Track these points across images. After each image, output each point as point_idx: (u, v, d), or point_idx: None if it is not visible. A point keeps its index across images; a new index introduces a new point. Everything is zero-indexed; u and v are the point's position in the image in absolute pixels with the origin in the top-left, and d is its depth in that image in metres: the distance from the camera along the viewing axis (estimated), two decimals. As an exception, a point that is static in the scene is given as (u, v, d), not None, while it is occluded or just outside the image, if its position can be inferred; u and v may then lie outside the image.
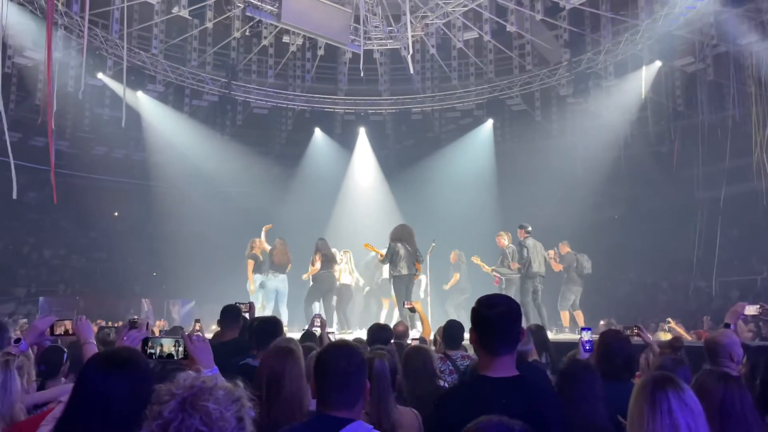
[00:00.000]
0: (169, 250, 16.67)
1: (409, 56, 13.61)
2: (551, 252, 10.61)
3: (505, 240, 10.46)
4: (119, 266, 17.93)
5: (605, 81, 14.94)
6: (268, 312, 9.73)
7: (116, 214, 19.32)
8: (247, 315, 5.50)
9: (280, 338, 3.45)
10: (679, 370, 3.13)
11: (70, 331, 3.11)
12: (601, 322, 9.92)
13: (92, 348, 2.90)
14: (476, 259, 10.84)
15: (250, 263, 10.25)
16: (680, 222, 17.11)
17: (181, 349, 2.32)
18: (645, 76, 13.92)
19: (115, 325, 10.92)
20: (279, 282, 10.17)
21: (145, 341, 2.37)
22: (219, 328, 5.35)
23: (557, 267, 10.61)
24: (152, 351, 2.35)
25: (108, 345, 4.93)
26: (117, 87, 14.35)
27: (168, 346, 2.35)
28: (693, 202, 16.66)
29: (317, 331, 5.47)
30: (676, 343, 5.05)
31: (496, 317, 2.22)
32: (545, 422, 2.13)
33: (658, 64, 14.00)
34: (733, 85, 14.15)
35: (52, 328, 3.10)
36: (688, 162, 15.86)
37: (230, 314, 5.00)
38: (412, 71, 14.55)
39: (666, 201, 17.13)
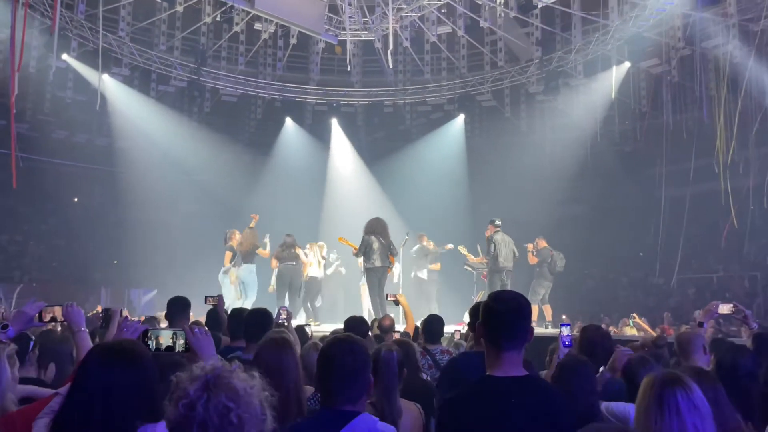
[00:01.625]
0: (132, 238, 16.29)
1: (389, 51, 13.56)
2: (530, 245, 10.82)
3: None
4: (79, 254, 17.43)
5: (574, 80, 15.18)
6: (246, 303, 9.70)
7: (75, 200, 18.77)
8: (215, 308, 5.42)
9: (273, 330, 3.41)
10: (643, 369, 3.15)
11: (59, 318, 2.99)
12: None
13: (84, 336, 2.80)
14: (463, 249, 11.05)
15: (228, 255, 10.15)
16: (642, 220, 17.56)
17: (182, 341, 2.27)
18: (614, 76, 14.18)
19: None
20: (244, 272, 10.11)
21: (146, 333, 2.32)
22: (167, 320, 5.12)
23: (533, 260, 10.82)
24: (154, 343, 2.29)
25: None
26: (82, 69, 13.91)
27: (169, 338, 2.30)
28: (655, 200, 17.11)
29: (288, 323, 5.43)
30: (659, 341, 5.16)
31: (504, 311, 2.23)
32: (556, 422, 2.14)
33: (627, 64, 14.29)
34: (697, 87, 14.56)
35: (40, 314, 2.96)
36: (651, 161, 16.26)
37: (177, 305, 4.85)
38: (390, 66, 14.52)
39: (629, 199, 17.55)
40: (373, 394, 3.01)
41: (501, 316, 2.23)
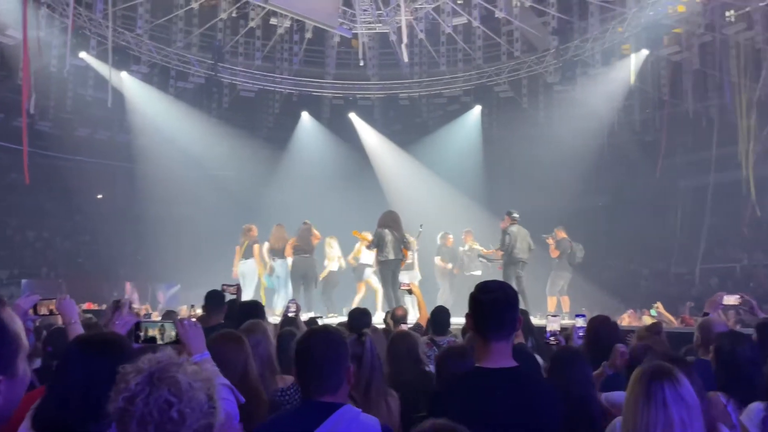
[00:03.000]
0: (154, 234, 16.55)
1: (403, 44, 13.54)
2: (549, 239, 10.77)
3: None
4: (103, 249, 17.76)
5: (592, 69, 14.98)
6: (279, 298, 9.85)
7: (100, 196, 19.11)
8: (235, 297, 5.52)
9: (247, 321, 3.46)
10: (648, 356, 3.14)
11: (55, 311, 3.09)
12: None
13: (77, 328, 2.87)
14: (472, 243, 11.03)
15: (257, 247, 10.28)
16: (663, 210, 17.33)
17: (173, 333, 2.32)
18: (633, 64, 13.98)
19: (99, 307, 10.86)
20: (278, 267, 10.23)
21: (137, 325, 2.37)
22: (204, 313, 5.34)
23: (554, 253, 10.75)
24: (143, 335, 2.35)
25: (92, 329, 4.91)
26: (100, 67, 14.13)
27: (159, 330, 2.35)
28: (676, 190, 16.87)
29: (297, 316, 5.53)
30: (654, 328, 5.15)
31: (489, 302, 2.23)
32: (544, 413, 2.15)
33: (645, 52, 14.06)
34: (718, 75, 14.29)
35: (35, 307, 3.06)
36: (672, 151, 16.01)
37: (214, 299, 4.99)
38: (405, 59, 14.49)
39: (650, 189, 17.30)
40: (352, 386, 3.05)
41: (487, 306, 2.23)
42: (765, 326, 3.53)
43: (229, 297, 5.62)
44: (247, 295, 10.01)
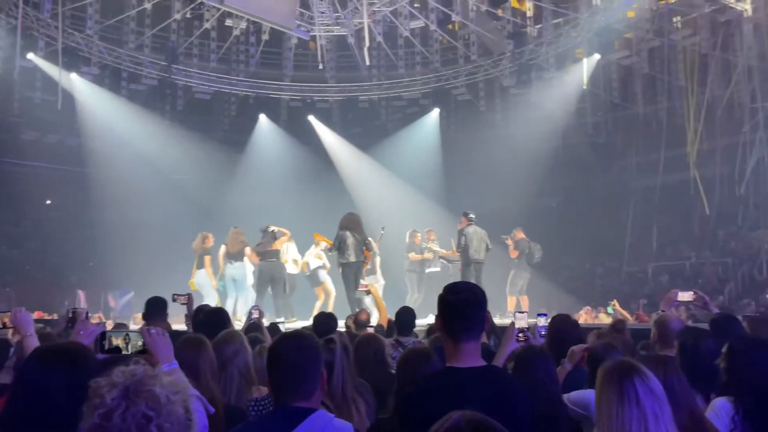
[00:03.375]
0: (107, 239, 16.07)
1: (366, 48, 13.56)
2: (509, 240, 10.92)
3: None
4: (53, 256, 17.18)
5: (547, 73, 15.31)
6: (230, 302, 9.64)
7: (48, 202, 18.47)
8: (185, 307, 5.39)
9: (223, 331, 3.41)
10: (611, 355, 3.19)
11: (9, 324, 2.98)
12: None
13: (33, 341, 2.77)
14: (434, 246, 11.10)
15: (208, 258, 10.05)
16: (615, 210, 17.81)
17: (139, 342, 2.26)
18: (585, 68, 14.35)
19: (51, 317, 10.49)
20: (234, 270, 10.03)
21: (102, 335, 2.30)
22: (144, 320, 5.13)
23: (514, 253, 10.91)
24: (108, 345, 2.28)
25: (47, 339, 4.73)
26: (49, 68, 13.69)
27: (124, 339, 2.28)
28: (627, 190, 17.37)
29: (260, 322, 5.45)
30: (618, 325, 5.28)
31: (459, 303, 2.25)
32: (514, 412, 2.17)
33: (597, 56, 14.45)
34: (666, 79, 14.79)
35: None
36: (623, 152, 16.50)
37: (154, 306, 4.85)
38: (368, 62, 14.52)
39: (602, 190, 17.77)
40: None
41: (456, 307, 2.25)
42: (718, 321, 3.66)
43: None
44: (245, 298, 9.89)
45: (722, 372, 2.72)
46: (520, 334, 3.21)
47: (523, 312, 3.38)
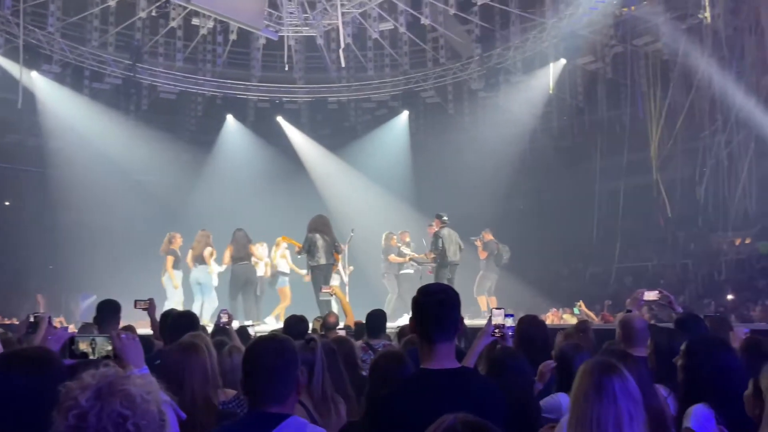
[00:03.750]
0: (69, 242, 15.64)
1: (340, 50, 13.54)
2: (478, 241, 11.01)
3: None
4: (11, 260, 16.62)
5: (514, 76, 15.52)
6: (196, 305, 9.49)
7: (7, 203, 17.91)
8: (147, 312, 5.29)
9: (187, 334, 3.36)
10: (579, 355, 3.23)
11: None
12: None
13: None
14: (405, 248, 11.10)
15: (170, 259, 9.87)
16: (580, 212, 18.11)
17: (107, 347, 2.20)
18: (552, 73, 14.59)
19: (10, 321, 10.18)
20: (199, 273, 9.88)
21: (72, 340, 2.24)
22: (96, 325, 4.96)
23: (482, 255, 11.01)
24: (78, 350, 2.21)
25: (8, 345, 4.58)
26: (9, 66, 13.30)
27: (90, 344, 2.22)
28: (592, 193, 17.68)
29: (230, 325, 5.40)
30: (581, 325, 5.37)
31: (432, 304, 2.25)
32: (489, 414, 2.17)
33: (562, 61, 14.70)
34: (629, 84, 15.13)
35: None
36: (588, 156, 16.80)
37: (106, 309, 4.73)
38: (343, 64, 14.52)
39: (567, 192, 18.05)
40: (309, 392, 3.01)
41: (430, 308, 2.25)
42: (684, 321, 3.75)
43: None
44: (211, 302, 9.74)
45: (679, 369, 2.77)
46: (496, 330, 3.23)
47: (500, 308, 3.41)
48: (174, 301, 9.69)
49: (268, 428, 1.96)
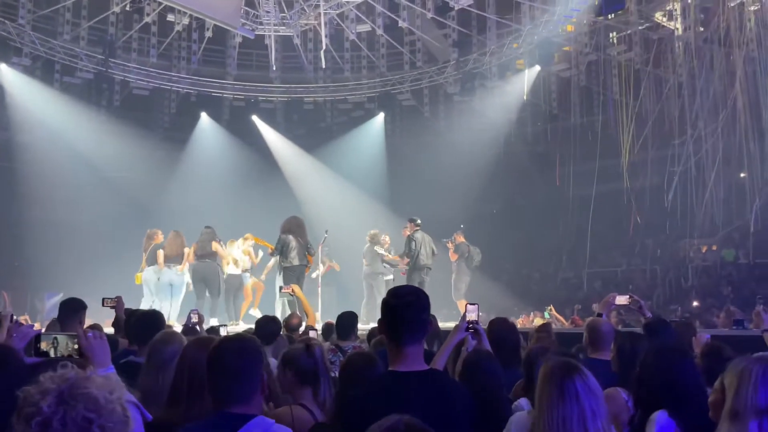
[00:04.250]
0: (35, 239, 15.31)
1: (322, 51, 13.53)
2: (449, 242, 11.05)
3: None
4: (-26, 256, 16.22)
5: (489, 81, 15.67)
6: (165, 305, 9.34)
7: (-29, 198, 17.46)
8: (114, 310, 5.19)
9: (162, 332, 3.31)
10: (544, 356, 3.27)
11: None
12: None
13: None
14: (379, 249, 11.07)
15: (160, 253, 9.72)
16: (552, 217, 18.34)
17: (74, 346, 2.16)
18: (526, 79, 14.76)
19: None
20: (172, 274, 9.73)
21: (37, 338, 2.19)
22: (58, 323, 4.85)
23: (453, 256, 11.06)
24: (44, 349, 2.17)
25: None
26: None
27: (61, 343, 2.18)
28: (564, 198, 17.92)
29: (200, 326, 5.35)
30: (543, 327, 5.46)
31: (401, 306, 2.25)
32: (457, 416, 2.19)
33: (537, 68, 14.89)
34: (601, 91, 15.38)
35: None
36: (560, 161, 17.02)
37: (69, 307, 4.62)
38: (323, 65, 14.50)
39: (540, 197, 18.27)
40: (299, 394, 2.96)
41: (398, 310, 2.26)
42: (651, 325, 3.82)
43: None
44: (178, 302, 9.58)
45: (636, 375, 2.81)
46: (470, 325, 3.25)
47: (474, 304, 3.43)
48: (147, 300, 9.56)
49: (234, 428, 1.95)
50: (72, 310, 4.42)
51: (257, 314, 8.88)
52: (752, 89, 12.86)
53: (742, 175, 14.06)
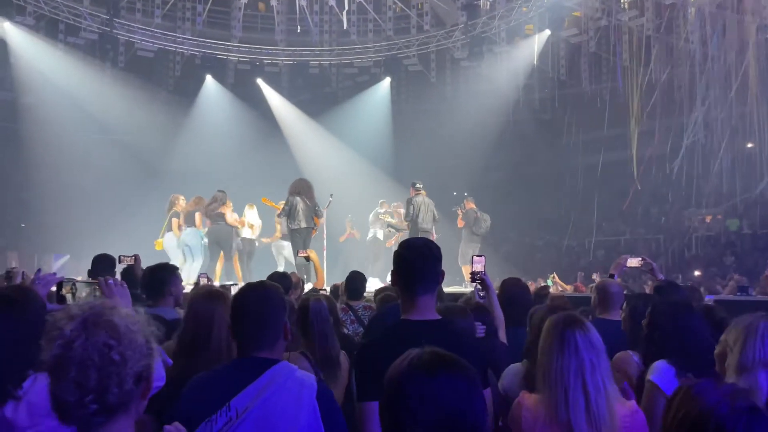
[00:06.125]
0: (42, 201, 15.37)
1: (344, 12, 13.30)
2: (459, 210, 11.07)
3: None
4: (-19, 217, 16.30)
5: (497, 47, 15.44)
6: (186, 266, 9.46)
7: (-23, 159, 17.45)
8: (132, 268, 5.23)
9: (203, 286, 3.39)
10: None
11: None
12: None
13: None
14: (384, 215, 11.14)
15: (175, 221, 9.81)
16: (558, 185, 18.33)
17: (98, 294, 2.20)
18: (537, 43, 14.56)
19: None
20: (186, 236, 9.82)
21: (59, 285, 2.22)
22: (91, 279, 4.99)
23: (460, 223, 11.08)
24: (67, 295, 2.20)
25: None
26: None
27: (81, 291, 2.22)
28: (570, 167, 17.87)
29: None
30: (541, 291, 5.49)
31: (414, 257, 2.29)
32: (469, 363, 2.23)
33: (547, 33, 14.67)
34: (611, 58, 15.18)
35: None
36: (568, 130, 16.92)
37: (102, 263, 4.68)
38: (345, 26, 14.29)
39: (546, 165, 18.21)
40: (302, 343, 3.05)
41: (411, 262, 2.29)
42: (662, 288, 3.85)
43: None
44: (199, 264, 9.71)
45: (644, 327, 2.86)
46: (477, 276, 3.29)
47: (480, 256, 3.45)
48: (176, 263, 9.66)
49: (258, 372, 1.99)
50: (106, 265, 4.53)
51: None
52: (764, 58, 12.70)
53: (749, 145, 13.98)
